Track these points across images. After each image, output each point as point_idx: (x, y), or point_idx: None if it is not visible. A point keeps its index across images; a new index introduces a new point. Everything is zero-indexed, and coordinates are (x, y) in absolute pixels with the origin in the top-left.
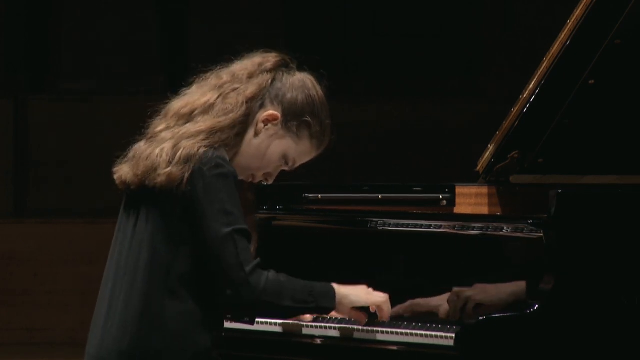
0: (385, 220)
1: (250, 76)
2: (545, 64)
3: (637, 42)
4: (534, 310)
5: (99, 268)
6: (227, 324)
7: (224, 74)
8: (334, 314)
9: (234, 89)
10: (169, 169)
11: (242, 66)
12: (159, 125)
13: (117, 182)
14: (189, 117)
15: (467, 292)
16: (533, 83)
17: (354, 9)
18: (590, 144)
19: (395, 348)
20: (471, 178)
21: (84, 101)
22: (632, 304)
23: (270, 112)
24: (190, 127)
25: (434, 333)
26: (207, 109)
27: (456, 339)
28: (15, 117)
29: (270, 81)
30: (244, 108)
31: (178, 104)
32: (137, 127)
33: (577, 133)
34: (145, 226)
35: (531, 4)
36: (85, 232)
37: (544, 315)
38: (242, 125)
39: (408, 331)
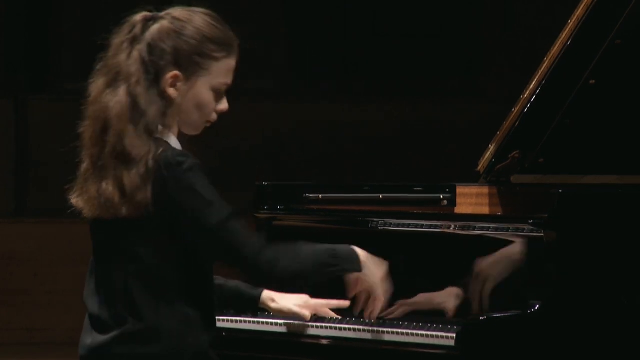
0: (386, 220)
1: (129, 56)
2: (545, 64)
3: (638, 42)
4: (534, 310)
5: None
6: (229, 324)
7: (105, 70)
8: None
9: (124, 80)
10: (128, 204)
11: (117, 51)
12: (89, 154)
13: (77, 209)
14: (105, 135)
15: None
16: (534, 83)
17: (354, 9)
18: (591, 144)
19: (395, 348)
20: (472, 178)
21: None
22: (632, 304)
23: (169, 75)
24: (116, 146)
25: (434, 333)
26: (116, 118)
27: (457, 339)
28: (15, 117)
29: (146, 49)
30: (147, 93)
31: (90, 128)
32: None
33: (578, 133)
34: (126, 240)
35: (531, 4)
36: (85, 232)
37: (544, 315)
38: (160, 105)
39: (408, 331)
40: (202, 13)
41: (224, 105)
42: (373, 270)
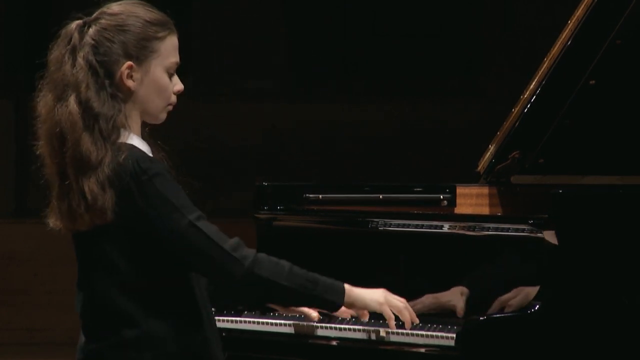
0: (386, 220)
1: (73, 65)
2: (546, 64)
3: (638, 43)
4: (534, 310)
5: None
6: (230, 324)
7: (51, 85)
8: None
9: (72, 89)
10: (90, 211)
11: (59, 64)
12: (53, 172)
13: (57, 229)
14: (63, 148)
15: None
16: (534, 83)
17: (354, 9)
18: (591, 144)
19: (395, 348)
20: (472, 178)
21: None
22: (633, 304)
23: (124, 68)
24: (74, 155)
25: (434, 333)
26: (71, 128)
27: (457, 339)
28: (15, 117)
29: (91, 51)
30: (98, 97)
31: (47, 146)
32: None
33: (578, 133)
34: (103, 252)
35: (531, 4)
36: None
37: (545, 315)
38: (114, 104)
39: (408, 331)
40: (132, 2)
41: (179, 85)
42: (375, 297)
